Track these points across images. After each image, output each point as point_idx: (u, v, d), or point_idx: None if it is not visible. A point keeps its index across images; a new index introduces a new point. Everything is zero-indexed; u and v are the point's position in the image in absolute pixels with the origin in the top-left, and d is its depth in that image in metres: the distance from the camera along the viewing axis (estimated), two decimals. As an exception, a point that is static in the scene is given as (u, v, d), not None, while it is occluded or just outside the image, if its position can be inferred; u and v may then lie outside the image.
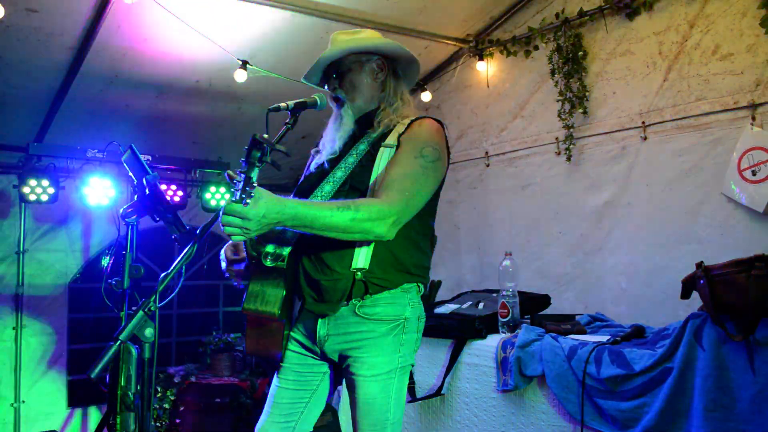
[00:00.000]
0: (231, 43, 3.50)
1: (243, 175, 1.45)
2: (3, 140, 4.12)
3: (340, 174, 1.89)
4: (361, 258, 1.83)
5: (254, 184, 1.48)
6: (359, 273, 1.83)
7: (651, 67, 3.17)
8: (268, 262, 1.80)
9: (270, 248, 1.82)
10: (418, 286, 1.96)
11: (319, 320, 1.91)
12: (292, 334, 1.99)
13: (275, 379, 2.02)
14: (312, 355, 1.98)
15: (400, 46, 2.02)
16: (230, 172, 1.51)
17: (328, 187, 1.88)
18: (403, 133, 1.91)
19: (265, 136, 1.50)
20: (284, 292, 1.81)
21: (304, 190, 1.98)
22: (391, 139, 1.90)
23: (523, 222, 3.83)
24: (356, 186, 1.87)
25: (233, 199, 1.49)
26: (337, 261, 1.83)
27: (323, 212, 1.68)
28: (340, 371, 1.98)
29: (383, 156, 1.88)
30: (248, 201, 1.49)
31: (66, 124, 4.06)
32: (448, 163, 1.98)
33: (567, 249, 3.56)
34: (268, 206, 1.58)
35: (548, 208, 3.68)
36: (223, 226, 1.57)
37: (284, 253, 1.82)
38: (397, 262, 1.88)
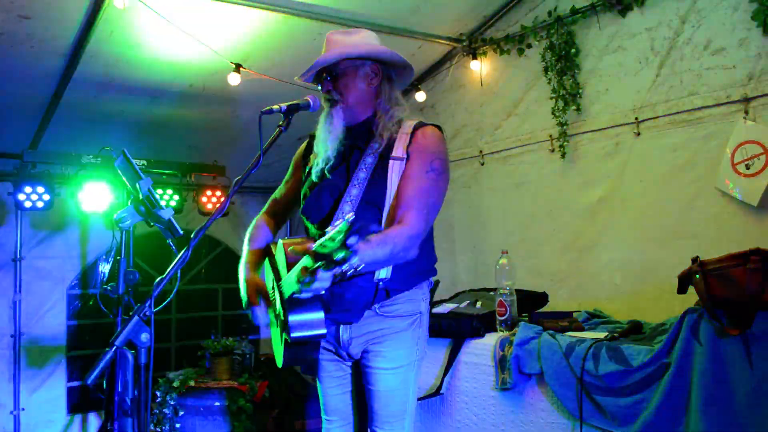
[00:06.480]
0: (224, 47, 3.50)
1: (349, 258, 1.37)
2: (-3, 148, 4.12)
3: (355, 192, 1.95)
4: (383, 270, 1.93)
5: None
6: (381, 283, 1.94)
7: (643, 63, 3.18)
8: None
9: None
10: (429, 281, 2.12)
11: (341, 326, 2.00)
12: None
13: (321, 389, 2.16)
14: (340, 359, 2.11)
15: (394, 53, 2.04)
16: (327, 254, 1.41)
17: (347, 207, 1.94)
18: (409, 144, 1.97)
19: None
20: (323, 313, 1.82)
21: (317, 205, 2.02)
22: (399, 152, 1.96)
23: (517, 220, 3.83)
24: (372, 201, 1.94)
25: (337, 270, 1.47)
26: (359, 275, 1.88)
27: (366, 253, 1.69)
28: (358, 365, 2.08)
29: (395, 169, 1.95)
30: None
31: (60, 131, 4.05)
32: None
33: (561, 246, 3.56)
34: None
35: (543, 206, 3.68)
36: (308, 288, 1.55)
37: None
38: (415, 267, 1.98)
